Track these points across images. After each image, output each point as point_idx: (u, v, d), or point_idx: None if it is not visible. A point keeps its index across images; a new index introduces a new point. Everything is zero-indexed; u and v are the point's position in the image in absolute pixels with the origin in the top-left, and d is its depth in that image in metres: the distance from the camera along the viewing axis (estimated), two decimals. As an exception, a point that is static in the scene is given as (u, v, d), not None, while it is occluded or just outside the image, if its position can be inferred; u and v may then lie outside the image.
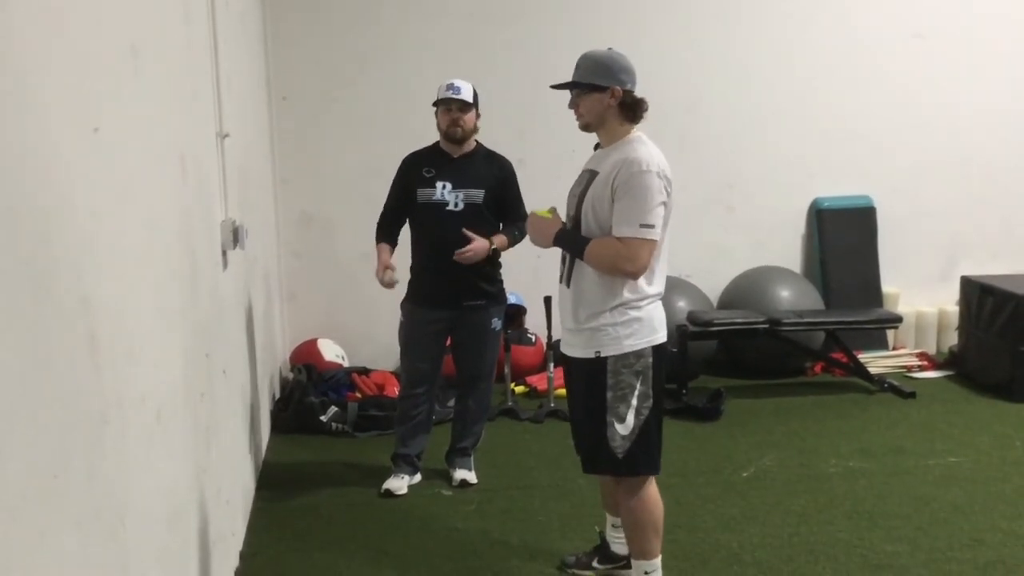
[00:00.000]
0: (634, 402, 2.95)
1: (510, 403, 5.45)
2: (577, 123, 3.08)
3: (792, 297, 6.12)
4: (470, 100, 4.11)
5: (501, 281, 4.29)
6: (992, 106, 6.59)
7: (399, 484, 4.25)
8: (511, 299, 5.41)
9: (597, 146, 3.16)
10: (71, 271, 1.60)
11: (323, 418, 5.09)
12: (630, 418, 2.95)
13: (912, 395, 5.62)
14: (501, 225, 4.19)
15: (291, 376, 5.53)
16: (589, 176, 3.05)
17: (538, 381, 5.82)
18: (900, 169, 6.60)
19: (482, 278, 4.14)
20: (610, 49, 3.09)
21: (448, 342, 4.31)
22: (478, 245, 4.01)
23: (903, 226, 6.61)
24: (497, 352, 4.45)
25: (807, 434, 5.03)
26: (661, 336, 3.02)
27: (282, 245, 6.00)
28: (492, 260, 4.16)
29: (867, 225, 6.62)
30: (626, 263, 2.89)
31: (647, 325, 2.97)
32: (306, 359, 5.69)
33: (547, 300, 5.33)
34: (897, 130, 6.56)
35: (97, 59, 1.83)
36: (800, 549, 3.63)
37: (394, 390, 5.42)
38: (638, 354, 2.95)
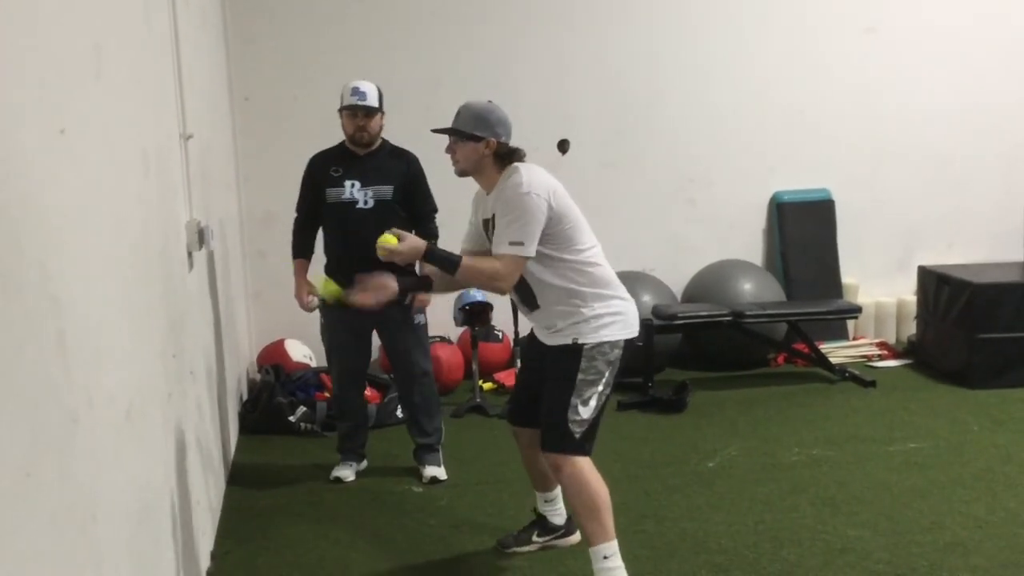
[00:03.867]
0: (599, 388, 3.08)
1: (478, 400, 5.48)
2: (453, 168, 3.24)
3: (754, 290, 6.21)
4: (376, 105, 4.13)
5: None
6: (946, 98, 6.75)
7: (347, 472, 4.40)
8: (477, 296, 5.46)
9: None
10: (39, 270, 1.60)
11: (292, 418, 5.09)
12: (592, 402, 3.08)
13: (872, 384, 5.73)
14: (414, 228, 4.07)
15: (259, 377, 5.52)
16: (490, 223, 3.20)
17: (505, 378, 5.85)
18: (857, 162, 6.73)
19: (397, 274, 3.93)
20: (490, 102, 3.27)
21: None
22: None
23: (861, 218, 6.74)
24: (426, 345, 4.42)
25: (771, 424, 5.12)
26: (635, 331, 3.18)
27: (247, 244, 5.99)
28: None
29: (826, 217, 6.73)
30: (495, 278, 3.10)
31: (624, 320, 3.14)
32: (274, 360, 5.68)
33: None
34: (853, 124, 6.68)
35: (61, 59, 1.84)
36: (765, 536, 3.69)
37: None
38: (612, 344, 3.10)
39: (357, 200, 4.12)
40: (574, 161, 6.41)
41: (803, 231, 6.70)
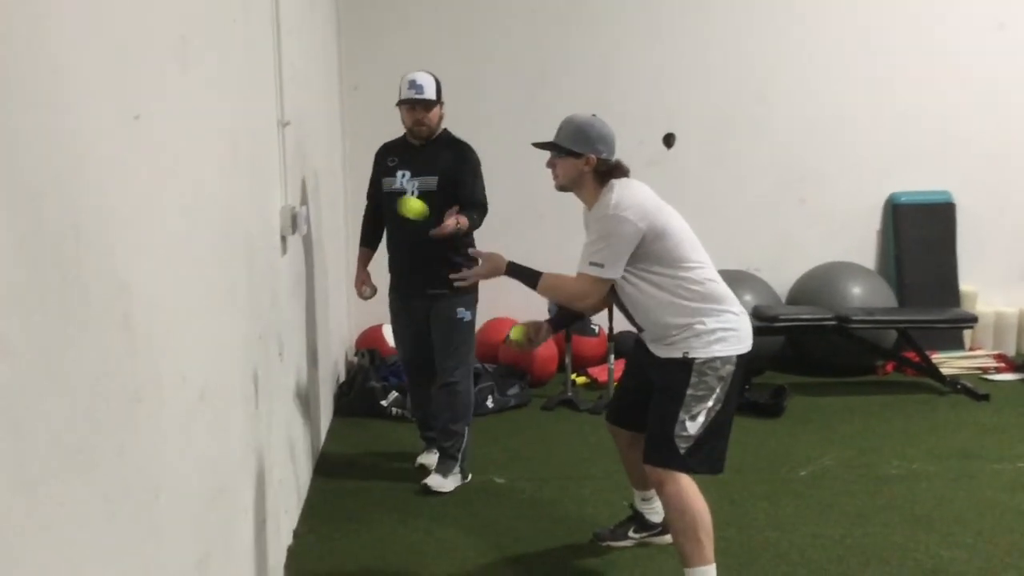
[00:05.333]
0: (709, 404, 2.99)
1: (569, 393, 5.46)
2: (553, 183, 3.23)
3: (864, 294, 5.99)
4: (433, 98, 4.09)
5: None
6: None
7: (430, 460, 4.37)
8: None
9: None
10: (103, 254, 1.66)
11: (384, 403, 5.18)
12: (701, 419, 2.99)
13: (985, 397, 5.46)
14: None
15: (356, 360, 5.63)
16: None
17: (599, 372, 5.81)
18: (981, 164, 6.41)
19: (445, 265, 3.86)
20: (593, 115, 3.21)
21: None
22: (450, 221, 3.90)
23: (983, 222, 6.42)
24: (469, 346, 4.24)
25: (871, 434, 4.93)
26: (748, 346, 3.10)
27: (351, 231, 6.09)
28: (456, 246, 3.98)
29: (945, 221, 6.44)
30: (574, 297, 3.16)
31: (737, 335, 3.07)
32: (371, 344, 5.79)
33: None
34: (978, 123, 6.37)
35: (140, 50, 1.90)
36: (852, 551, 3.56)
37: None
38: (724, 360, 3.02)
39: (405, 190, 4.10)
40: (679, 156, 6.31)
41: (920, 234, 6.42)
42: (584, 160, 3.10)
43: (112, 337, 1.70)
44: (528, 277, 3.17)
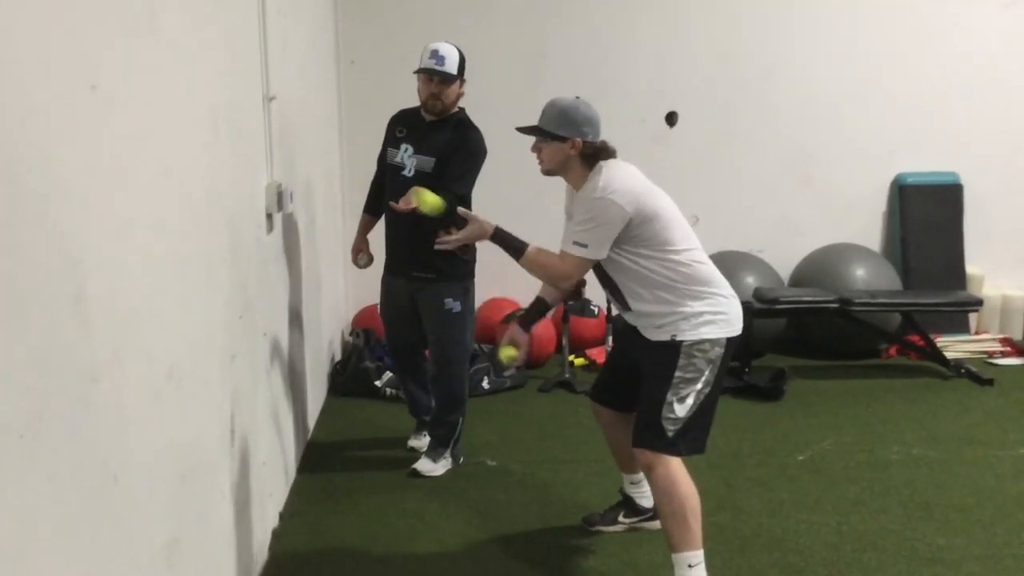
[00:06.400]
0: (698, 387, 2.95)
1: (567, 375, 5.39)
2: (539, 167, 3.15)
3: (868, 276, 5.89)
4: (454, 72, 3.87)
5: (462, 258, 3.84)
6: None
7: (421, 442, 4.34)
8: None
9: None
10: (51, 230, 1.59)
11: (378, 383, 5.12)
12: (690, 401, 2.95)
13: (990, 382, 5.37)
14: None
15: (351, 340, 5.57)
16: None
17: (598, 354, 5.75)
18: (990, 145, 6.29)
19: (431, 250, 3.49)
20: (577, 98, 3.12)
21: None
22: (409, 196, 3.62)
23: (991, 205, 6.31)
24: (460, 336, 4.05)
25: (872, 419, 4.85)
26: (737, 329, 3.04)
27: (347, 207, 6.02)
28: (442, 227, 3.65)
29: (953, 203, 6.33)
30: (555, 275, 3.10)
31: (726, 318, 3.01)
32: (367, 323, 5.72)
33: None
34: (987, 104, 6.24)
35: (97, 18, 1.82)
36: (847, 538, 3.49)
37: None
38: (713, 342, 2.97)
39: (404, 166, 3.96)
40: (681, 135, 6.21)
41: (927, 216, 6.31)
42: (570, 144, 3.03)
43: (62, 316, 1.63)
44: (513, 247, 3.11)
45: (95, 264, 1.76)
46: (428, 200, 3.56)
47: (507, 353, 3.27)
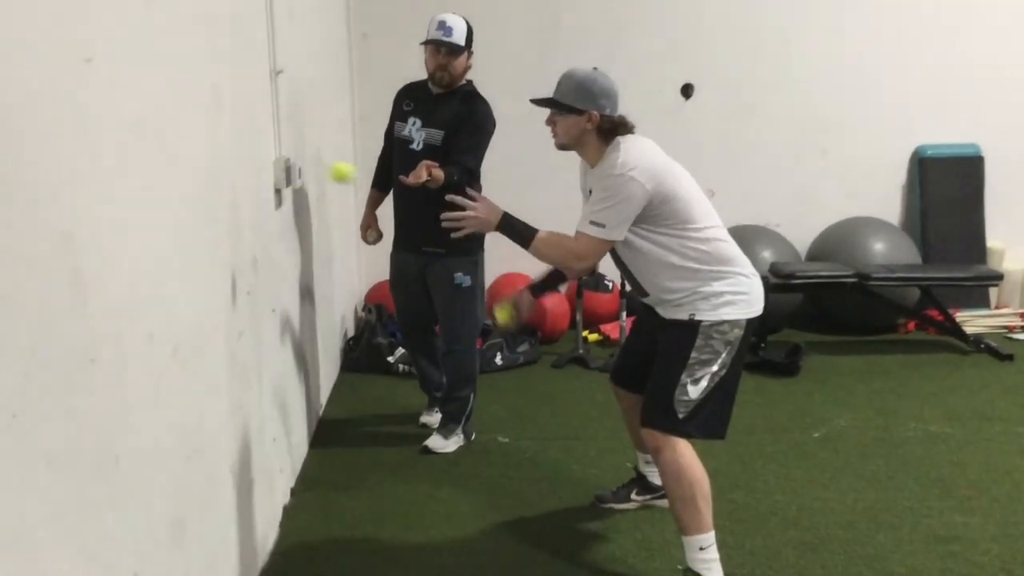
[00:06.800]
0: (714, 369, 2.88)
1: (581, 351, 5.35)
2: (553, 141, 3.03)
3: (886, 250, 5.81)
4: (461, 43, 3.81)
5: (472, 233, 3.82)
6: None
7: (433, 419, 4.30)
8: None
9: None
10: (45, 207, 1.56)
11: (390, 359, 5.10)
12: (704, 383, 2.88)
13: (1009, 357, 5.31)
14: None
15: (364, 316, 5.55)
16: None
17: (612, 329, 5.70)
18: (1012, 116, 6.17)
19: (442, 223, 3.30)
20: (595, 69, 3.01)
21: None
22: (422, 171, 3.61)
23: (1013, 177, 6.21)
24: (470, 311, 4.02)
25: (889, 395, 4.80)
26: (758, 310, 2.96)
27: (360, 183, 5.97)
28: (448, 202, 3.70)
29: (974, 175, 6.23)
30: (572, 257, 2.96)
31: (747, 299, 2.93)
32: (380, 299, 5.69)
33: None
34: (1009, 74, 6.11)
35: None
36: (863, 516, 3.45)
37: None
38: (733, 324, 2.89)
39: (413, 140, 3.91)
40: (697, 107, 6.13)
41: (947, 189, 6.21)
42: (586, 117, 2.91)
43: (57, 295, 1.61)
44: (521, 235, 2.97)
45: (91, 241, 1.73)
46: (339, 171, 3.44)
47: (503, 313, 3.18)
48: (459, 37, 3.82)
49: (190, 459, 2.33)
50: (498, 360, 5.20)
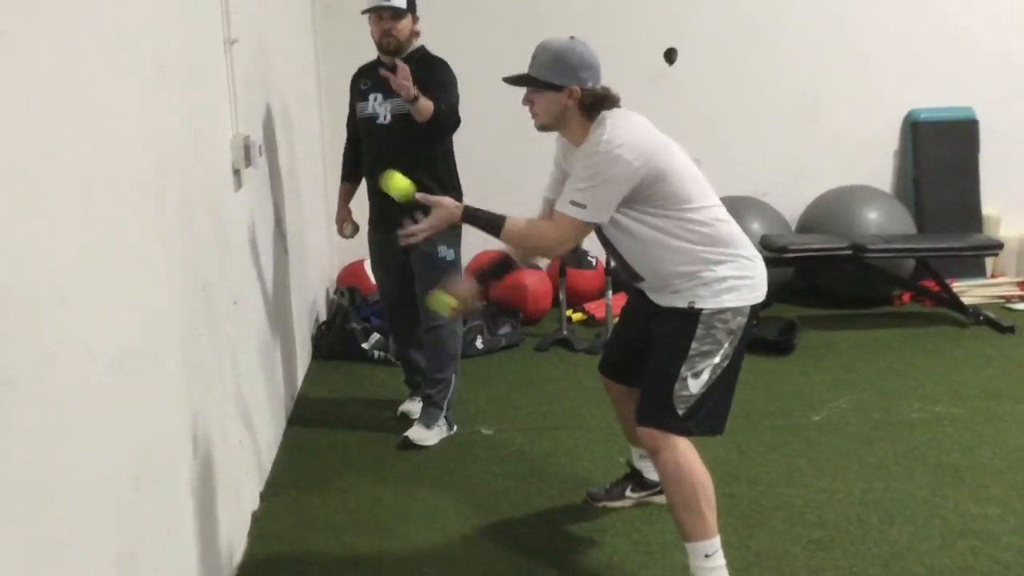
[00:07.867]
0: (715, 360, 2.64)
1: (565, 332, 5.11)
2: (533, 122, 2.76)
3: (880, 220, 5.60)
4: (402, 6, 3.67)
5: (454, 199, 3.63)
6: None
7: (414, 408, 4.08)
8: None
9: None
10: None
11: (365, 345, 4.84)
12: (705, 376, 2.64)
13: (1011, 329, 5.12)
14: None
15: (336, 299, 5.28)
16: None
17: (596, 308, 5.46)
18: (1007, 78, 5.99)
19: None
20: (572, 38, 2.71)
21: None
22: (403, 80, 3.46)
23: (1009, 141, 6.01)
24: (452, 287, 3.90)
25: (890, 373, 4.59)
26: (761, 295, 2.72)
27: (328, 160, 5.68)
28: (439, 177, 3.72)
29: (968, 140, 6.02)
30: (549, 243, 2.74)
31: (751, 284, 2.69)
32: (352, 281, 5.42)
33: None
34: (1004, 35, 5.90)
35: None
36: (873, 509, 3.24)
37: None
38: (736, 311, 2.64)
39: (378, 115, 3.76)
40: (681, 73, 5.86)
41: (941, 155, 6.00)
42: (567, 93, 2.64)
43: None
44: (489, 223, 2.73)
45: (5, 244, 1.46)
46: (398, 184, 3.15)
47: (440, 299, 2.88)
48: (400, 0, 3.67)
49: (140, 483, 2.06)
50: (478, 344, 4.95)
